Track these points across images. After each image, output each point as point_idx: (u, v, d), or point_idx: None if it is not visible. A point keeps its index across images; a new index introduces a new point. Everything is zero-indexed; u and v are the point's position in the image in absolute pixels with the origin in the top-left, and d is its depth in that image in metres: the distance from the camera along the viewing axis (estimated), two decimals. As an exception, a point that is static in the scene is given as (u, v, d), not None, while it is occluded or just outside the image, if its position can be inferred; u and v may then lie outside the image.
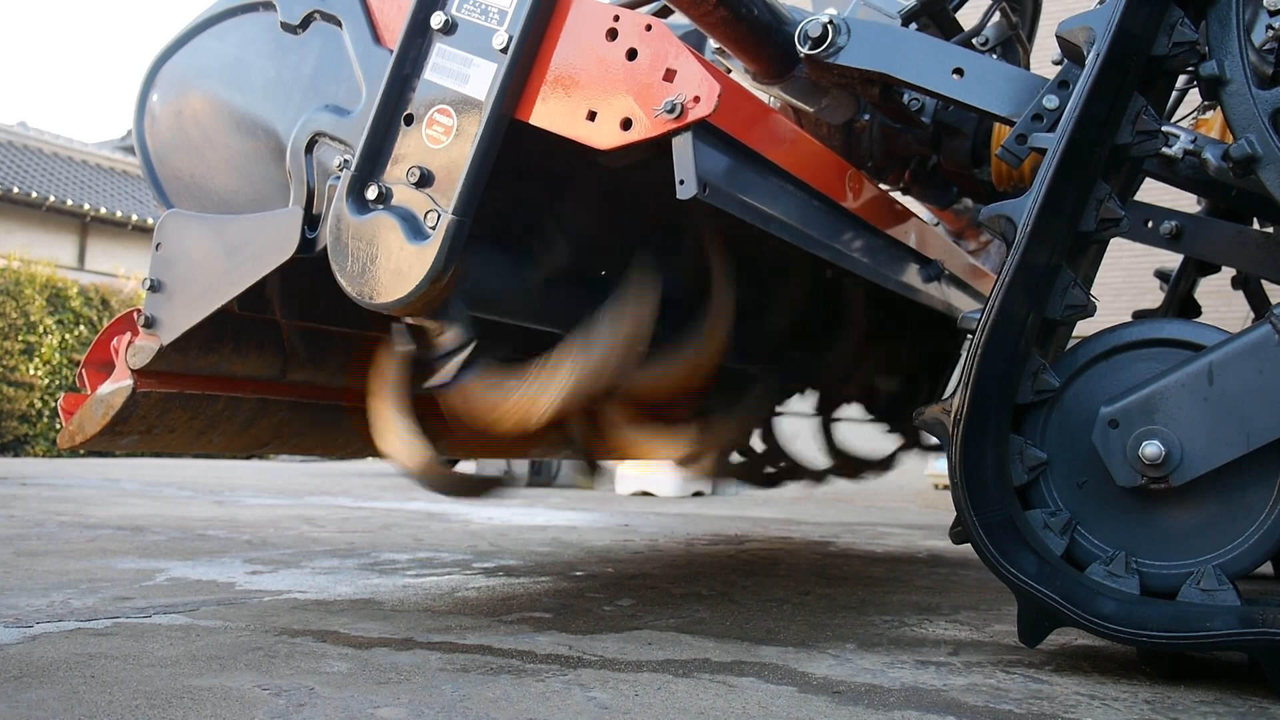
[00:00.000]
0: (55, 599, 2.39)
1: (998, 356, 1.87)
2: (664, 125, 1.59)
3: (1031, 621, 1.85)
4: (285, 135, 2.05)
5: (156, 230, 2.24)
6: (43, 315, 14.34)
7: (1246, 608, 1.73)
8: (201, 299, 2.13)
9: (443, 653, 1.90)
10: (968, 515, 1.86)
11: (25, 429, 14.00)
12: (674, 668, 1.82)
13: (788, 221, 1.94)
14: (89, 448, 2.33)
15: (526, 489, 9.38)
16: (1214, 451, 1.80)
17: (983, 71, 2.14)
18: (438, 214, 1.74)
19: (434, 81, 1.80)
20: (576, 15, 1.72)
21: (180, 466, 11.69)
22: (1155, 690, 1.75)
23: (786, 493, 8.51)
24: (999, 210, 1.89)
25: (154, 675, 1.66)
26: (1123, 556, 1.85)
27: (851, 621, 2.40)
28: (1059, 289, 1.92)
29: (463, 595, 2.65)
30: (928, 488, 8.24)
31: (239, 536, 4.04)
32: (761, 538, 4.82)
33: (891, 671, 1.85)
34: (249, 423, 2.51)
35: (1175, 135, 1.98)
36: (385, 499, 6.68)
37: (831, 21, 2.18)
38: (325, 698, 1.54)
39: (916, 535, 5.33)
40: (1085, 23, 1.92)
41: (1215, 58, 1.87)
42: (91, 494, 6.46)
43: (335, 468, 12.32)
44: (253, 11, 2.19)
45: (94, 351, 2.34)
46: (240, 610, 2.32)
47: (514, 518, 5.57)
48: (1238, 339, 1.82)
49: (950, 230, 3.75)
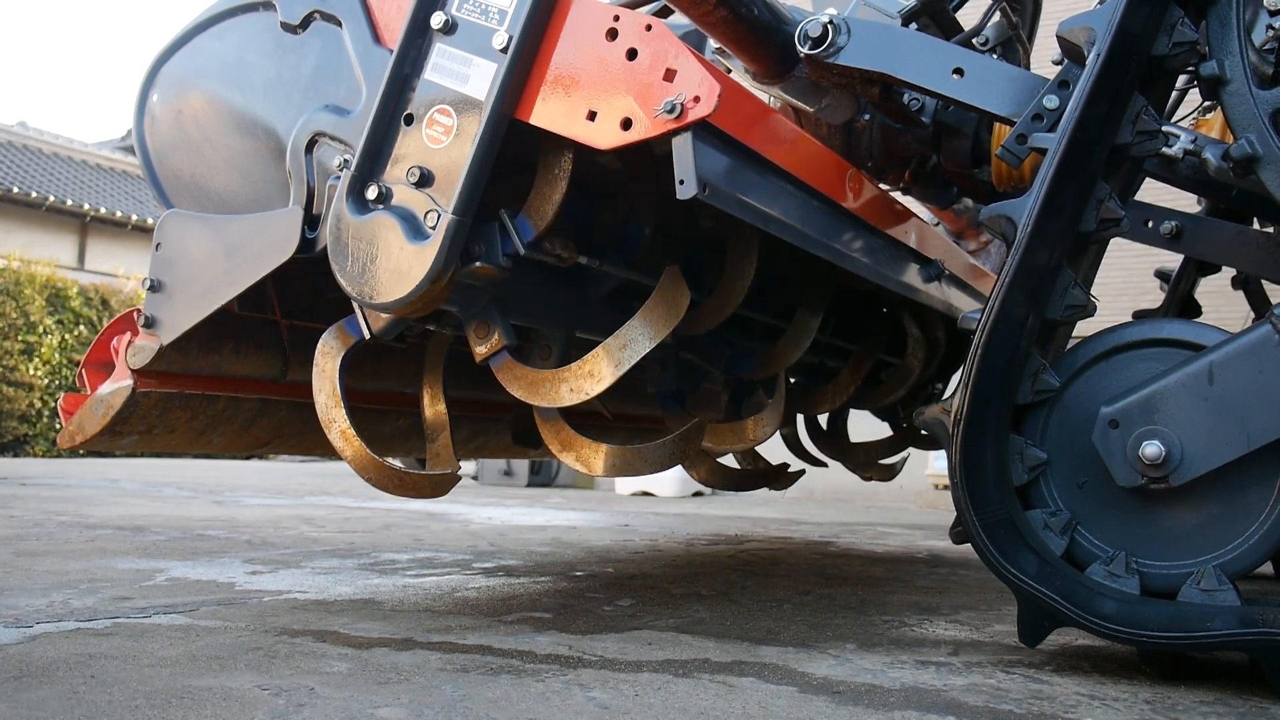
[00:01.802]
0: (55, 599, 2.39)
1: (998, 356, 1.87)
2: (664, 125, 1.59)
3: (1031, 621, 1.85)
4: (285, 135, 2.05)
5: (156, 230, 2.24)
6: (42, 315, 14.34)
7: (1247, 608, 1.73)
8: (201, 299, 2.14)
9: (443, 653, 1.90)
10: (968, 515, 1.86)
11: (25, 429, 14.00)
12: (674, 668, 1.82)
13: (788, 221, 1.94)
14: (89, 448, 2.33)
15: (526, 489, 9.38)
16: (1214, 451, 1.80)
17: (983, 71, 2.14)
18: (438, 214, 1.74)
19: (434, 81, 1.80)
20: (576, 15, 1.72)
21: (180, 466, 11.69)
22: (1155, 690, 1.75)
23: (787, 493, 8.51)
24: (999, 210, 1.89)
25: (154, 675, 1.66)
26: (1123, 556, 1.85)
27: (851, 621, 2.40)
28: (1059, 289, 1.92)
29: (463, 595, 2.65)
30: (928, 488, 8.24)
31: (239, 536, 4.03)
32: (761, 538, 4.82)
33: (891, 671, 1.85)
34: (249, 423, 2.51)
35: (1175, 135, 1.98)
36: (385, 499, 6.67)
37: (831, 21, 2.17)
38: (325, 698, 1.54)
39: (916, 535, 5.33)
40: (1085, 23, 1.92)
41: (1215, 57, 1.87)
42: (91, 494, 6.46)
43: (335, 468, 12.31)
44: (253, 11, 2.19)
45: (94, 351, 2.34)
46: (240, 610, 2.31)
47: (514, 518, 5.57)
48: (1238, 339, 1.82)
49: (950, 230, 3.75)
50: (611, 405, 3.41)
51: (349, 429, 2.02)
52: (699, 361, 2.73)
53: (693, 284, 1.98)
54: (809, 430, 3.85)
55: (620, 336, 1.86)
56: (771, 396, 2.70)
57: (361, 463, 2.03)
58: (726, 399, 2.81)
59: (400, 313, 1.85)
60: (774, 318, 2.87)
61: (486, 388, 2.58)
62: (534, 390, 1.93)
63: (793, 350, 2.63)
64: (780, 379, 2.70)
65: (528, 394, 1.94)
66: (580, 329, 2.31)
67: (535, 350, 2.25)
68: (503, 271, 1.85)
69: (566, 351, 2.24)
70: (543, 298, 2.24)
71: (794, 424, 3.92)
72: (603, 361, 1.86)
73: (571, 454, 2.06)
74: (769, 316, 2.85)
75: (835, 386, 3.21)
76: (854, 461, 3.90)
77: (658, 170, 1.72)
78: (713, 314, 2.33)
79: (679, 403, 2.76)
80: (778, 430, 3.28)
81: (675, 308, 1.89)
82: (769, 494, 8.78)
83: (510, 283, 1.98)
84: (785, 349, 2.64)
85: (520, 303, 2.14)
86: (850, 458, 3.88)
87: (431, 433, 2.31)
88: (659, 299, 1.89)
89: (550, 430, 2.08)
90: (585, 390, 1.87)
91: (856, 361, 3.22)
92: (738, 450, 2.88)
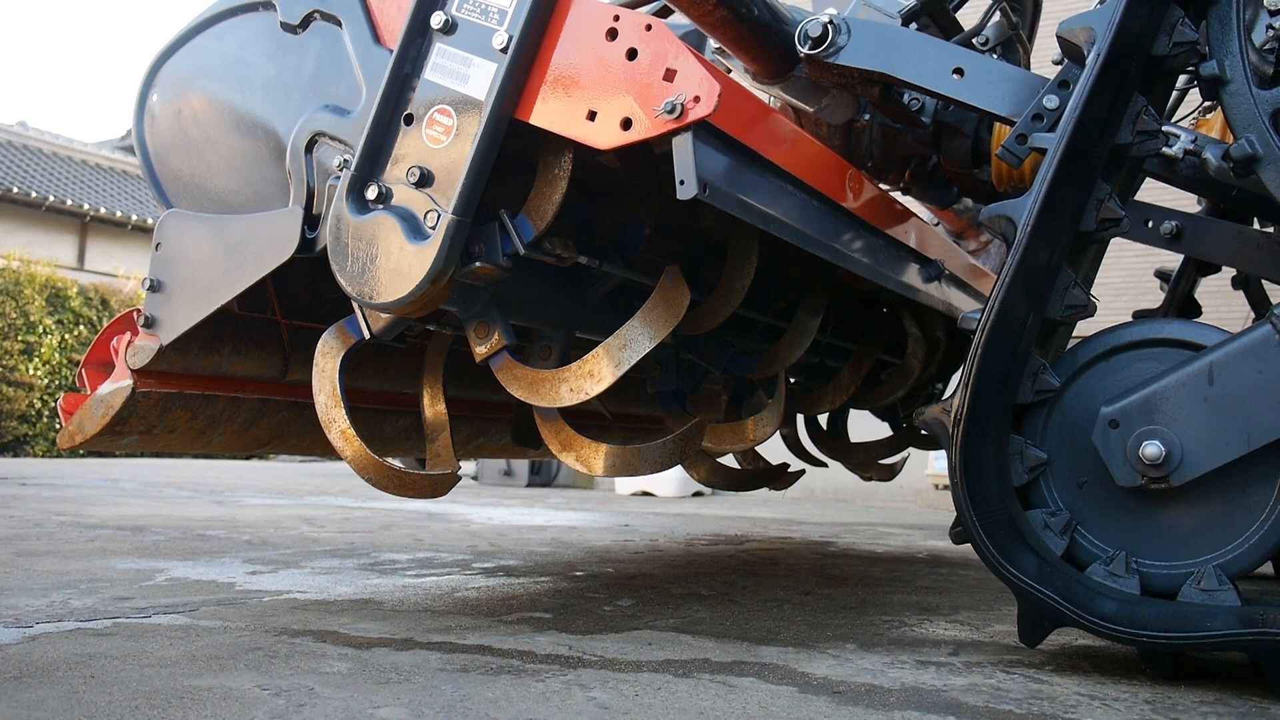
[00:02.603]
0: (55, 599, 2.39)
1: (998, 356, 1.87)
2: (664, 125, 1.59)
3: (1032, 621, 1.85)
4: (285, 135, 2.05)
5: (156, 230, 2.24)
6: (42, 315, 14.35)
7: (1247, 608, 1.73)
8: (201, 299, 2.13)
9: (443, 653, 1.90)
10: (968, 515, 1.86)
11: (25, 429, 14.00)
12: (674, 668, 1.82)
13: (788, 221, 1.94)
14: (89, 448, 2.33)
15: (526, 489, 9.37)
16: (1214, 451, 1.80)
17: (983, 71, 2.14)
18: (438, 214, 1.74)
19: (434, 81, 1.80)
20: (576, 15, 1.72)
21: (180, 466, 11.69)
22: (1155, 690, 1.75)
23: (787, 493, 8.51)
24: (1000, 210, 1.89)
25: (154, 675, 1.66)
26: (1123, 556, 1.85)
27: (851, 621, 2.40)
28: (1059, 289, 1.92)
29: (463, 595, 2.65)
30: (928, 488, 8.24)
31: (239, 536, 4.03)
32: (761, 538, 4.82)
33: (891, 671, 1.85)
34: (249, 423, 2.51)
35: (1175, 135, 1.98)
36: (385, 499, 6.67)
37: (831, 21, 2.17)
38: (325, 698, 1.54)
39: (916, 535, 5.33)
40: (1085, 22, 1.92)
41: (1216, 57, 1.87)
42: (91, 494, 6.46)
43: (335, 468, 12.32)
44: (252, 11, 2.19)
45: (94, 351, 2.34)
46: (240, 610, 2.31)
47: (514, 518, 5.57)
48: (1238, 339, 1.82)
49: (950, 230, 3.75)
50: (611, 405, 3.41)
51: (349, 429, 2.02)
52: (699, 361, 2.73)
53: (693, 284, 1.99)
54: (809, 430, 3.85)
55: (620, 336, 1.86)
56: (771, 396, 2.70)
57: (361, 463, 2.03)
58: (726, 399, 2.81)
59: (400, 313, 1.85)
60: (774, 318, 2.87)
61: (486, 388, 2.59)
62: (534, 390, 1.93)
63: (793, 350, 2.63)
64: (780, 379, 2.70)
65: (528, 394, 1.94)
66: (580, 329, 2.31)
67: (535, 350, 2.25)
68: (503, 271, 1.85)
69: (566, 351, 2.24)
70: (543, 298, 2.24)
71: (794, 424, 3.92)
72: (603, 361, 1.86)
73: (571, 454, 2.06)
74: (769, 316, 2.85)
75: (835, 386, 3.21)
76: (854, 461, 3.90)
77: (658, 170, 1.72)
78: (713, 314, 2.33)
79: (679, 403, 2.76)
80: (778, 430, 3.28)
81: (675, 308, 1.89)
82: (769, 494, 8.78)
83: (510, 283, 1.98)
84: (785, 349, 2.64)
85: (520, 303, 2.14)
86: (850, 458, 3.88)
87: (431, 433, 2.31)
88: (659, 299, 1.89)
89: (550, 430, 2.08)
90: (585, 390, 1.87)
91: (856, 361, 3.22)
92: (738, 450, 2.88)
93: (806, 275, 2.67)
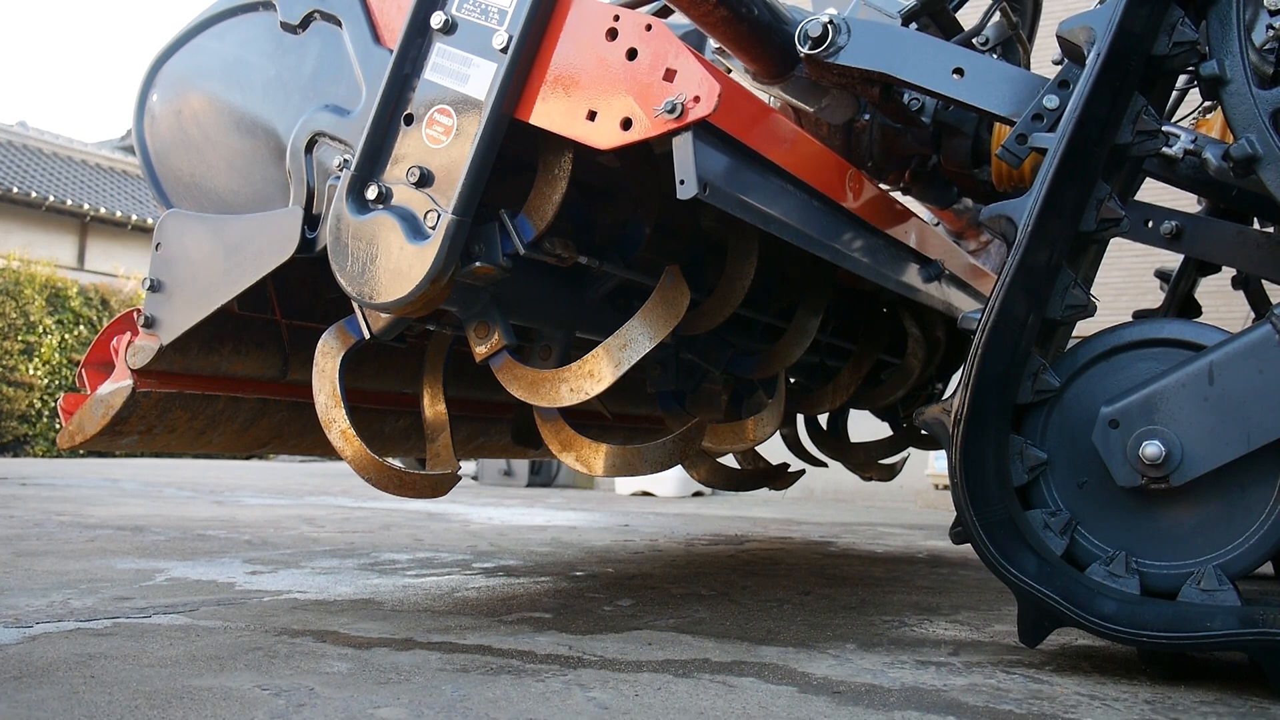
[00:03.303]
0: (55, 599, 2.39)
1: (998, 356, 1.87)
2: (664, 125, 1.59)
3: (1031, 621, 1.85)
4: (285, 135, 2.05)
5: (156, 230, 2.24)
6: (42, 315, 14.35)
7: (1247, 608, 1.73)
8: (201, 299, 2.14)
9: (443, 653, 1.90)
10: (968, 515, 1.86)
11: (25, 429, 14.01)
12: (674, 668, 1.82)
13: (788, 221, 1.94)
14: (89, 448, 2.33)
15: (526, 489, 9.38)
16: (1214, 451, 1.80)
17: (983, 71, 2.14)
18: (438, 214, 1.74)
19: (434, 81, 1.80)
20: (576, 15, 1.72)
21: (180, 466, 11.69)
22: (1155, 690, 1.75)
23: (787, 493, 8.51)
24: (1000, 210, 1.89)
25: (154, 675, 1.66)
26: (1123, 556, 1.85)
27: (851, 621, 2.40)
28: (1059, 289, 1.92)
29: (463, 595, 2.65)
30: (928, 488, 8.24)
31: (239, 536, 4.03)
32: (761, 538, 4.82)
33: (891, 671, 1.85)
34: (249, 423, 2.51)
35: (1175, 135, 1.98)
36: (385, 499, 6.67)
37: (831, 21, 2.17)
38: (325, 698, 1.54)
39: (916, 535, 5.33)
40: (1085, 22, 1.92)
41: (1216, 57, 1.87)
42: (91, 494, 6.46)
43: (335, 468, 12.32)
44: (252, 11, 2.19)
45: (94, 351, 2.34)
46: (240, 610, 2.31)
47: (514, 518, 5.57)
48: (1238, 339, 1.82)
49: (950, 230, 3.75)
50: (611, 405, 3.41)
51: (349, 429, 2.02)
52: (699, 361, 2.73)
53: (693, 284, 1.99)
54: (809, 430, 3.85)
55: (620, 336, 1.86)
56: (771, 396, 2.70)
57: (361, 463, 2.03)
58: (726, 399, 2.81)
59: (400, 313, 1.85)
60: (774, 318, 2.87)
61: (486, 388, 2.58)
62: (534, 390, 1.93)
63: (793, 350, 2.63)
64: (780, 379, 2.70)
65: (528, 394, 1.94)
66: (580, 329, 2.31)
67: (535, 350, 2.25)
68: (503, 271, 1.85)
69: (566, 351, 2.24)
70: (543, 298, 2.24)
71: (794, 424, 3.92)
72: (603, 361, 1.86)
73: (571, 454, 2.06)
74: (769, 316, 2.85)
75: (835, 386, 3.21)
76: (854, 461, 3.90)
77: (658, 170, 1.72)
78: (713, 314, 2.33)
79: (679, 403, 2.76)
80: (778, 430, 3.28)
81: (675, 308, 1.89)
82: (769, 494, 8.78)
83: (510, 283, 1.98)
84: (785, 349, 2.65)
85: (520, 303, 2.14)
86: (850, 458, 3.88)
87: (431, 433, 2.31)
88: (659, 299, 1.89)
89: (550, 430, 2.08)
90: (585, 390, 1.87)
91: (856, 361, 3.22)
92: (738, 450, 2.88)
93: (806, 275, 2.67)
